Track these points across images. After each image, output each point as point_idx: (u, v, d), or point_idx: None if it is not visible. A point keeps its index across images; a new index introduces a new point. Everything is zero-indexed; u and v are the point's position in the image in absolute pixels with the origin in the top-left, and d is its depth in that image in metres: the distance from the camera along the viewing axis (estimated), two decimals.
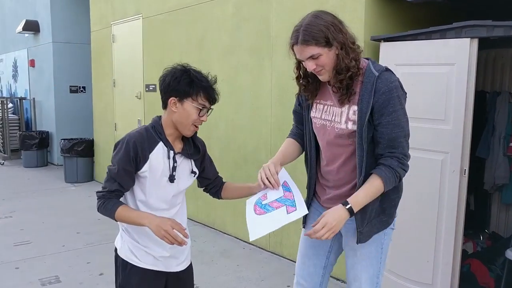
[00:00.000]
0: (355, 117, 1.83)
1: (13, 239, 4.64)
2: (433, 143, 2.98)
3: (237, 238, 4.61)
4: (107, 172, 1.85)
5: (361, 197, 1.81)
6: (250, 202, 1.95)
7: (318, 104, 1.99)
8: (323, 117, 1.96)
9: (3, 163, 9.12)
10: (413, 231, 3.11)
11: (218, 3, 4.61)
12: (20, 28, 9.16)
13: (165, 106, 1.88)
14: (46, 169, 8.68)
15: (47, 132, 8.97)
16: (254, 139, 4.33)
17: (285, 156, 2.08)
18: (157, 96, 5.76)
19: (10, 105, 9.96)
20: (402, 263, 3.19)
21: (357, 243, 1.95)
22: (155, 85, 5.69)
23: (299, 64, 1.93)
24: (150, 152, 1.85)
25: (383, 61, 3.20)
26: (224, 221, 4.80)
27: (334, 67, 1.79)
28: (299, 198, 1.88)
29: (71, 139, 7.53)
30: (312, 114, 2.01)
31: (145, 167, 1.85)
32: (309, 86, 1.97)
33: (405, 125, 1.82)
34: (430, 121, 2.98)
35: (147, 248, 1.92)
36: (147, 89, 5.89)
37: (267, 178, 1.90)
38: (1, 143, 9.66)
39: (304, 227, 2.17)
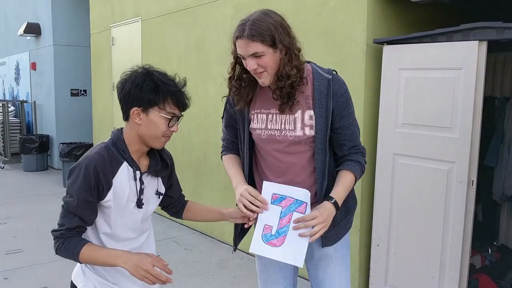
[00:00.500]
0: (312, 122, 1.74)
1: (5, 247, 4.52)
2: (438, 152, 2.82)
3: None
4: (62, 206, 1.56)
5: (341, 192, 1.76)
6: (258, 241, 1.72)
7: (259, 114, 1.83)
8: (269, 127, 1.80)
9: (3, 166, 9.03)
10: (418, 244, 2.94)
11: (217, 5, 4.47)
12: (21, 30, 9.09)
13: (126, 117, 1.61)
14: (46, 173, 8.57)
15: (48, 135, 8.87)
16: None
17: (242, 175, 1.89)
18: None
19: (11, 108, 9.88)
20: (406, 278, 3.02)
21: (322, 246, 1.84)
22: None
23: (235, 64, 1.78)
24: (113, 177, 1.58)
25: (386, 65, 3.04)
26: (222, 230, 4.65)
27: (276, 72, 1.68)
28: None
29: (70, 143, 7.42)
30: (253, 125, 1.84)
31: (109, 195, 1.58)
32: (241, 90, 1.79)
33: (357, 126, 1.85)
34: (436, 129, 2.82)
35: (117, 285, 1.66)
36: None
37: (251, 203, 1.70)
38: (2, 146, 9.58)
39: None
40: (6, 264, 4.08)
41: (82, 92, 8.84)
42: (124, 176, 1.61)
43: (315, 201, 1.79)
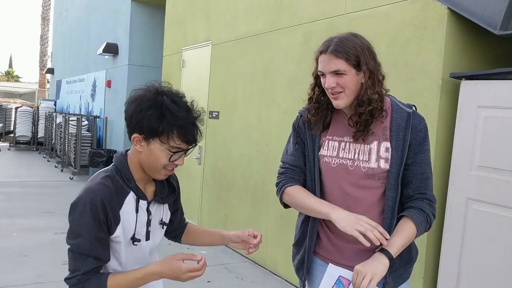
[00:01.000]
0: (388, 155, 1.64)
1: (63, 257, 4.62)
2: None
3: (288, 282, 4.27)
4: (70, 250, 1.40)
5: (397, 243, 1.59)
6: None
7: (330, 141, 1.74)
8: (341, 156, 1.70)
9: (72, 178, 9.45)
10: None
11: (286, 32, 4.44)
12: (100, 50, 9.62)
13: (130, 140, 1.47)
14: None
15: (115, 151, 9.20)
16: None
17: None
18: (219, 123, 5.73)
19: (85, 122, 10.40)
20: None
21: None
22: (218, 112, 5.59)
23: (315, 86, 1.74)
24: (120, 209, 1.44)
25: (463, 102, 2.82)
26: (275, 261, 4.49)
27: (356, 97, 1.61)
28: None
29: None
30: (323, 152, 1.74)
31: (118, 230, 1.43)
32: (318, 113, 1.72)
33: (430, 164, 1.70)
34: None
35: None
36: (210, 115, 5.81)
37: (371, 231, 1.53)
38: (73, 158, 10.06)
39: None
40: (62, 274, 4.15)
41: None
42: (130, 207, 1.47)
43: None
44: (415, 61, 3.07)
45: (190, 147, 1.45)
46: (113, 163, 1.52)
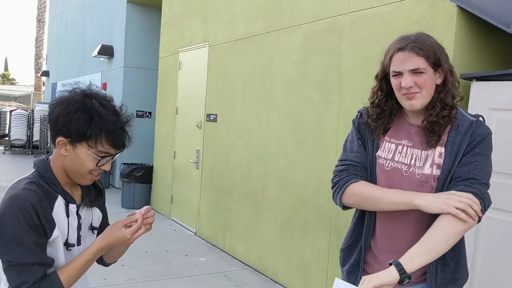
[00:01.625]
0: (440, 160, 1.55)
1: None
2: None
3: None
4: (9, 266, 1.29)
5: (412, 252, 1.44)
6: None
7: (388, 143, 1.66)
8: (396, 159, 1.61)
9: None
10: None
11: (286, 32, 4.31)
12: (96, 52, 9.47)
13: (54, 144, 1.40)
14: (107, 192, 8.53)
15: None
16: (314, 181, 3.89)
17: None
18: (217, 126, 5.60)
19: None
20: None
21: None
22: (216, 115, 5.46)
23: (378, 89, 1.65)
24: (52, 213, 1.36)
25: (474, 104, 2.69)
26: (276, 269, 4.35)
27: (431, 99, 1.53)
28: None
29: (131, 164, 7.48)
30: (379, 153, 1.66)
31: (55, 233, 1.36)
32: (381, 117, 1.65)
33: (487, 174, 1.53)
34: None
35: None
36: (207, 118, 5.67)
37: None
38: None
39: None
40: None
41: (147, 114, 8.97)
42: (61, 211, 1.40)
43: None
44: None
45: (118, 152, 1.42)
46: (34, 169, 1.43)
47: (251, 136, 4.76)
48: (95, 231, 1.56)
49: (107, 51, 9.36)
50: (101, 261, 1.68)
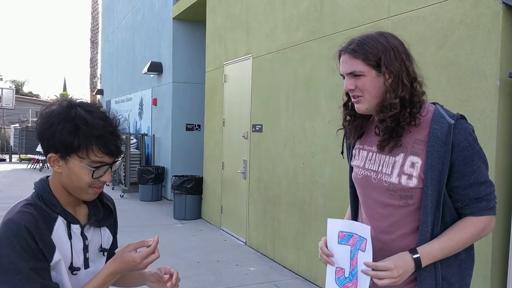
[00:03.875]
0: (413, 171, 1.45)
1: None
2: None
3: None
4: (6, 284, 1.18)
5: (436, 249, 1.42)
6: (332, 286, 1.53)
7: (361, 150, 1.63)
8: (366, 167, 1.58)
9: (123, 195, 9.64)
10: None
11: (327, 39, 4.30)
12: (145, 69, 9.81)
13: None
14: (159, 204, 8.96)
15: (163, 167, 9.32)
16: None
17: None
18: (263, 136, 5.65)
19: (133, 140, 10.62)
20: None
21: None
22: (261, 125, 5.51)
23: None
24: (51, 235, 1.25)
25: None
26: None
27: (380, 102, 1.47)
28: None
29: (182, 176, 7.66)
30: (354, 162, 1.65)
31: (56, 257, 1.25)
32: (354, 121, 1.61)
33: (489, 178, 1.47)
34: None
35: None
36: (253, 129, 5.74)
37: (321, 257, 1.57)
38: (123, 176, 10.27)
39: None
40: None
41: (196, 127, 9.19)
42: (62, 233, 1.29)
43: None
44: (468, 62, 2.86)
45: (115, 160, 1.31)
46: (33, 191, 1.34)
47: (296, 145, 4.77)
48: (106, 253, 1.45)
49: (156, 68, 9.69)
50: None
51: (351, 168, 1.68)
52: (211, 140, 7.28)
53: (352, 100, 1.53)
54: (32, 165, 15.97)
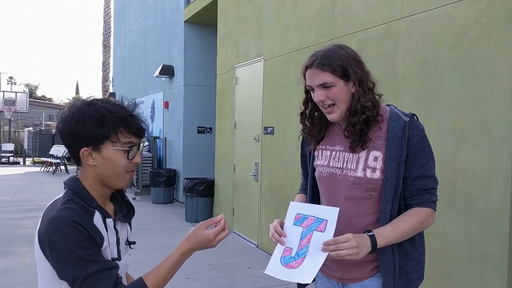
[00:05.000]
0: (376, 164, 1.61)
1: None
2: None
3: None
4: (80, 284, 1.26)
5: (388, 230, 1.56)
6: (276, 263, 1.59)
7: (324, 151, 1.77)
8: (331, 165, 1.72)
9: (135, 198, 9.69)
10: None
11: (340, 41, 4.28)
12: (157, 72, 9.87)
13: (78, 162, 1.37)
14: (171, 206, 8.98)
15: (175, 170, 9.34)
16: None
17: None
18: (274, 139, 5.63)
19: (145, 143, 10.67)
20: None
21: None
22: (273, 127, 5.50)
23: (307, 99, 1.74)
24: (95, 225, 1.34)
25: None
26: None
27: (349, 107, 1.62)
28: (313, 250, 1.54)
29: (193, 178, 7.68)
30: (317, 162, 1.79)
31: (105, 243, 1.34)
32: (313, 128, 1.76)
33: (435, 174, 1.65)
34: None
35: None
36: (265, 131, 5.73)
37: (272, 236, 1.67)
38: (135, 178, 10.33)
39: None
40: None
41: (208, 130, 9.21)
42: (100, 226, 1.36)
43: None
44: (483, 62, 2.83)
45: (140, 141, 1.40)
46: (66, 189, 1.39)
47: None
48: (132, 246, 1.55)
49: (167, 71, 9.73)
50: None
51: (313, 169, 1.81)
52: (222, 142, 7.28)
53: (324, 111, 1.65)
54: (45, 168, 16.13)
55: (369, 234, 1.53)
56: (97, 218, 1.35)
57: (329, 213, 1.56)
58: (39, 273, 1.38)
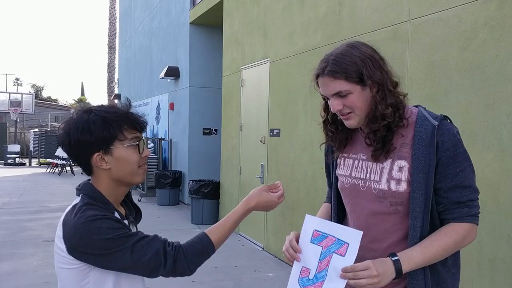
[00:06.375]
0: (402, 175, 1.43)
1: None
2: None
3: None
4: (131, 252, 1.29)
5: (416, 252, 1.37)
6: (294, 286, 1.50)
7: (346, 159, 1.60)
8: (353, 175, 1.56)
9: (140, 199, 9.70)
10: None
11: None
12: (162, 74, 9.87)
13: (89, 170, 1.41)
14: (177, 208, 8.98)
15: (180, 172, 9.34)
16: None
17: None
18: (280, 141, 5.61)
19: (151, 145, 10.69)
20: None
21: None
22: (279, 129, 5.48)
23: (327, 104, 1.57)
24: None
25: None
26: None
27: (368, 113, 1.45)
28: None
29: (199, 180, 7.67)
30: (339, 171, 1.62)
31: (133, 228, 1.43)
32: (338, 134, 1.59)
33: (475, 184, 1.43)
34: None
35: None
36: (271, 133, 5.71)
37: (286, 251, 1.54)
38: None
39: None
40: None
41: (213, 131, 9.20)
42: None
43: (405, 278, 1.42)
44: (493, 65, 2.80)
45: (143, 136, 1.47)
46: (81, 194, 1.40)
47: (315, 150, 4.72)
48: None
49: (173, 72, 9.73)
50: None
51: (336, 178, 1.66)
52: (228, 144, 7.27)
53: (341, 117, 1.51)
54: (51, 170, 16.18)
55: (393, 258, 1.36)
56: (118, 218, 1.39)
57: (352, 236, 1.41)
58: (59, 280, 1.40)
